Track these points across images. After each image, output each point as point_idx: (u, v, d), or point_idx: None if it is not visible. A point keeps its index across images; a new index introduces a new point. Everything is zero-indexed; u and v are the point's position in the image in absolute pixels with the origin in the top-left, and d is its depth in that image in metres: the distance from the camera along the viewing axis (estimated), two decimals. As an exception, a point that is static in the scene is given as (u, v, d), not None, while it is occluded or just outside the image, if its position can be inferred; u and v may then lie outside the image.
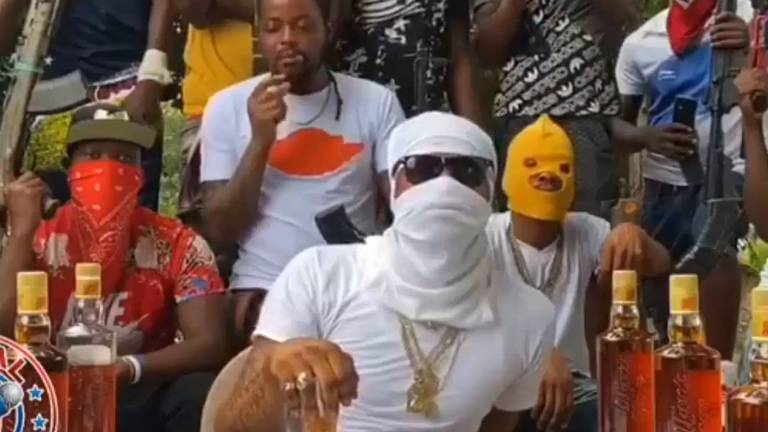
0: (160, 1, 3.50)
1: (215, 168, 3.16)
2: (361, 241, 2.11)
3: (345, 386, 1.57)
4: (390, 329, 1.97)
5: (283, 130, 3.10)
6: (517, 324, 2.04)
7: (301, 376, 1.57)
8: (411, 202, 1.96)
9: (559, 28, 3.62)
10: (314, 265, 1.99)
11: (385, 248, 2.01)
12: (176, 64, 3.75)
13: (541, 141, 3.07)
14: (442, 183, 1.95)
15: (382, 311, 1.98)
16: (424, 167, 1.97)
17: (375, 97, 3.21)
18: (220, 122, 3.16)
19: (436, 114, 2.26)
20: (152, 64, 3.43)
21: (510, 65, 3.67)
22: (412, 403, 1.97)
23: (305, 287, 1.97)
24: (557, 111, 3.56)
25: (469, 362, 1.99)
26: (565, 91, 3.61)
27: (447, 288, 1.96)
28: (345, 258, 2.02)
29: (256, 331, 1.98)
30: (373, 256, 2.01)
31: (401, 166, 2.00)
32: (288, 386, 1.58)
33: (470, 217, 1.96)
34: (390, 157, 2.06)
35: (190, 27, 3.68)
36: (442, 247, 1.95)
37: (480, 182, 1.99)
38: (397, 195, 2.01)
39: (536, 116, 3.36)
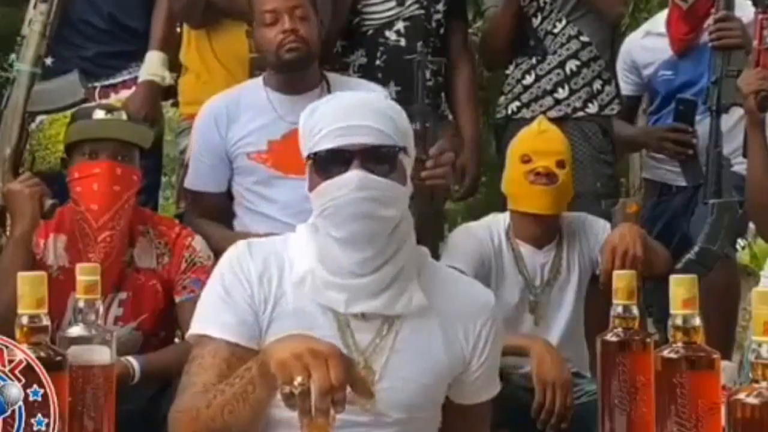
0: (161, 3, 3.50)
1: (196, 177, 3.24)
2: None
3: (339, 393, 1.57)
4: (325, 323, 1.94)
5: (278, 131, 3.12)
6: (457, 314, 2.00)
7: (297, 380, 1.57)
8: (324, 199, 1.93)
9: (556, 30, 3.62)
10: (246, 258, 1.96)
11: (310, 243, 1.97)
12: (177, 65, 3.76)
13: (536, 137, 3.09)
14: (353, 177, 1.90)
15: (315, 306, 1.95)
16: (333, 162, 1.92)
17: None
18: (207, 133, 3.20)
19: (342, 97, 2.07)
20: (153, 66, 3.43)
21: (511, 68, 3.68)
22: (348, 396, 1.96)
23: (241, 282, 1.95)
24: (554, 113, 3.56)
25: (407, 352, 1.96)
26: (562, 93, 3.62)
27: (372, 276, 1.93)
28: (276, 248, 1.99)
29: (194, 331, 1.94)
30: (303, 248, 1.97)
31: (310, 160, 1.96)
32: (285, 389, 1.59)
33: (387, 208, 1.92)
34: (300, 145, 2.01)
35: (185, 27, 3.68)
36: (362, 242, 1.91)
37: (394, 169, 1.94)
38: (310, 189, 1.97)
39: (533, 119, 3.37)
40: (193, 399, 1.85)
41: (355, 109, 1.97)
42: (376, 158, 1.92)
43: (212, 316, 1.95)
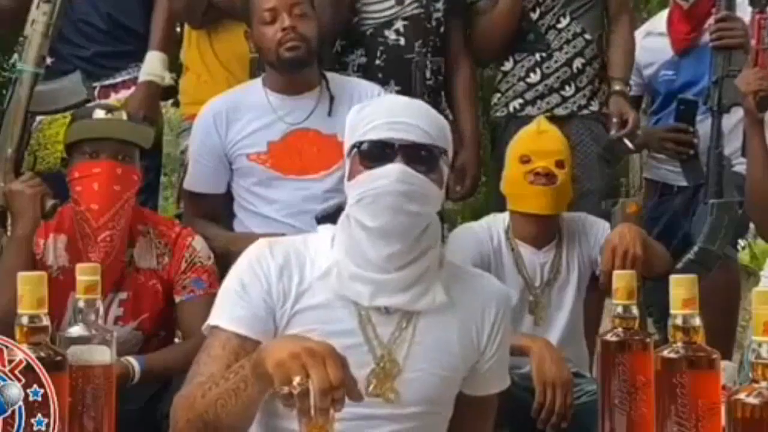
0: (161, 3, 3.50)
1: (195, 179, 3.24)
2: None
3: (338, 392, 1.58)
4: (346, 317, 1.98)
5: (277, 132, 3.13)
6: (472, 306, 2.05)
7: (296, 380, 1.58)
8: (363, 188, 1.97)
9: (560, 26, 3.60)
10: (266, 256, 2.00)
11: (339, 236, 2.01)
12: (177, 66, 3.76)
13: (535, 138, 3.09)
14: (395, 169, 1.94)
15: (337, 299, 1.98)
16: (378, 152, 1.97)
17: (368, 94, 3.21)
18: (207, 134, 3.21)
19: (393, 97, 2.25)
20: (153, 66, 3.43)
21: (509, 65, 3.64)
22: (370, 389, 1.96)
23: (259, 278, 1.98)
24: (560, 111, 3.55)
25: (426, 343, 2.00)
26: (568, 90, 3.61)
27: (398, 273, 1.97)
28: (296, 248, 2.02)
29: (210, 322, 1.98)
30: (325, 247, 2.02)
31: (355, 149, 2.00)
32: (284, 389, 1.60)
33: (422, 205, 1.97)
34: (345, 139, 2.05)
35: (186, 27, 3.69)
36: (393, 235, 1.95)
37: (433, 169, 1.99)
38: (350, 178, 2.01)
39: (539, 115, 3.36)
40: (194, 387, 1.88)
41: (406, 107, 2.05)
42: (419, 156, 1.97)
43: (226, 309, 1.98)
